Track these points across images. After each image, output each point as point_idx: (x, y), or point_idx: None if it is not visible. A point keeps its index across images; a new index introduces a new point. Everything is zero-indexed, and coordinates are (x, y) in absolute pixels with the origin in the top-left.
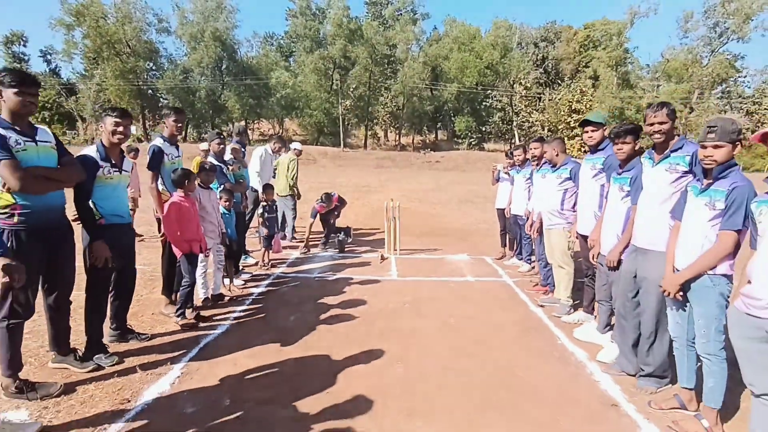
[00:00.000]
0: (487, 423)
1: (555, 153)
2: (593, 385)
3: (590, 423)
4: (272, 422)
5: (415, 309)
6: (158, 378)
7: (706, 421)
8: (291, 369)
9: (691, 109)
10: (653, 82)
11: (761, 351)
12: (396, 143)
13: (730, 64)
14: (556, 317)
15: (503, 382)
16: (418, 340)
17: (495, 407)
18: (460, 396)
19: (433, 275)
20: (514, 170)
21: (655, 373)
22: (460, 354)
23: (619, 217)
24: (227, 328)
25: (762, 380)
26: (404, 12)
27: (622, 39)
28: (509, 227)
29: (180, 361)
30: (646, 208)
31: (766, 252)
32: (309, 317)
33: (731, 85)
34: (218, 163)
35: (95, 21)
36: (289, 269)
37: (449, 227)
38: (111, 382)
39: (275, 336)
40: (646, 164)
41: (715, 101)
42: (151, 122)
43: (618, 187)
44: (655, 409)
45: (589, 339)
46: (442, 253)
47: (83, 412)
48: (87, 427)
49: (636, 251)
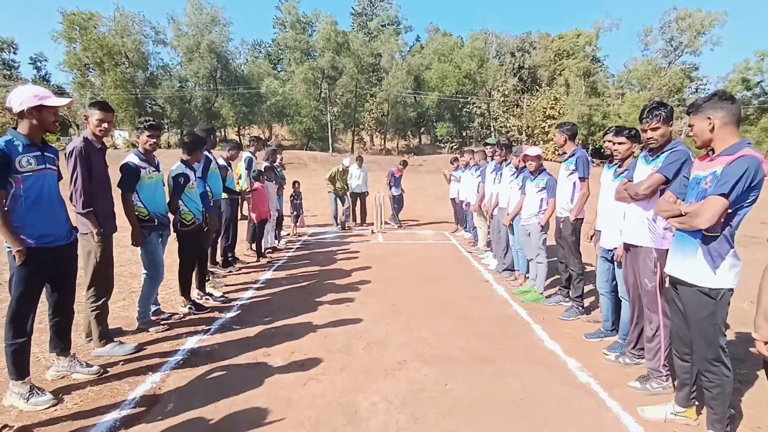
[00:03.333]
0: (425, 287)
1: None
2: (476, 272)
3: (473, 290)
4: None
5: (394, 254)
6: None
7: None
8: (322, 277)
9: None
10: (619, 90)
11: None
12: (381, 147)
13: (684, 74)
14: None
15: (438, 277)
16: (395, 266)
17: (432, 281)
18: (420, 283)
19: (405, 240)
20: (460, 171)
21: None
22: (419, 270)
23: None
24: (285, 261)
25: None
26: (388, 25)
27: (588, 51)
28: (458, 210)
29: (258, 282)
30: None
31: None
32: (331, 258)
33: (687, 94)
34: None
35: (95, 34)
36: (311, 237)
37: (423, 215)
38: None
39: (315, 265)
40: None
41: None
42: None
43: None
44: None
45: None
46: (414, 230)
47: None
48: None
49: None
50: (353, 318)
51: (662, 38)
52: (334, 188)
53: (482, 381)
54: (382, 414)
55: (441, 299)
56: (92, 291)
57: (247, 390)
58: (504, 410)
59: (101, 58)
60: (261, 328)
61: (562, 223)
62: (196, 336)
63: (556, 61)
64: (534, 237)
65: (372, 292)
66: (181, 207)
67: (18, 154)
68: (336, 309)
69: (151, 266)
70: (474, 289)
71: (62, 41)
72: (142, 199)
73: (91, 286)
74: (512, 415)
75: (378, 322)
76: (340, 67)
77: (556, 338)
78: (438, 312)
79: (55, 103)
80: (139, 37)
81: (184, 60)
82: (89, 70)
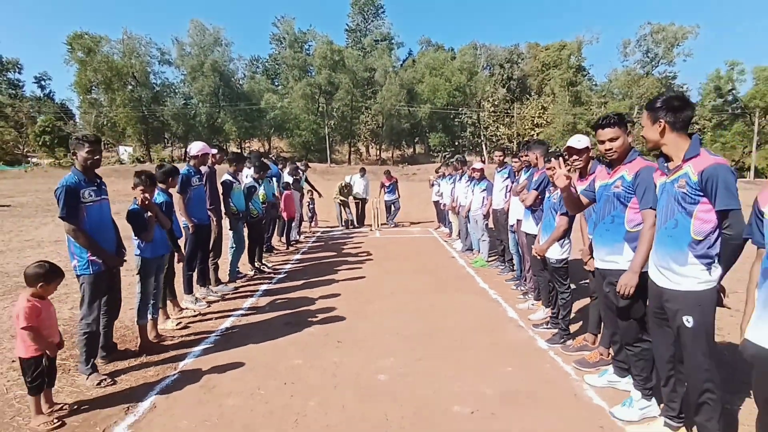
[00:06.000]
0: (409, 262)
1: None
2: (447, 253)
3: (443, 263)
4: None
5: (388, 244)
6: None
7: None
8: (336, 257)
9: (633, 122)
10: (601, 99)
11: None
12: (377, 158)
13: (661, 83)
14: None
15: (418, 256)
16: (389, 251)
17: (415, 258)
18: (407, 260)
19: (397, 235)
20: (441, 179)
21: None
22: (406, 252)
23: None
24: (306, 249)
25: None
26: (381, 41)
27: (572, 62)
28: (439, 211)
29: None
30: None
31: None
32: (340, 247)
33: None
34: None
35: (104, 56)
36: (323, 234)
37: (414, 217)
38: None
39: (329, 251)
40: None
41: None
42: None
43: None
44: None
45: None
46: (405, 228)
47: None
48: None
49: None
50: (361, 277)
51: (639, 50)
52: (340, 198)
53: (438, 300)
54: (383, 311)
55: (420, 268)
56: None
57: (285, 325)
58: (444, 312)
59: (110, 79)
60: (302, 282)
61: (498, 213)
62: (263, 285)
63: (543, 71)
64: (479, 223)
65: (372, 264)
66: (250, 206)
67: (82, 188)
68: (349, 274)
69: (238, 242)
70: (443, 262)
71: (74, 63)
72: (234, 203)
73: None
74: (447, 312)
75: (378, 279)
76: (336, 82)
77: (487, 283)
78: (418, 274)
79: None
80: (146, 58)
81: (189, 78)
82: (98, 89)
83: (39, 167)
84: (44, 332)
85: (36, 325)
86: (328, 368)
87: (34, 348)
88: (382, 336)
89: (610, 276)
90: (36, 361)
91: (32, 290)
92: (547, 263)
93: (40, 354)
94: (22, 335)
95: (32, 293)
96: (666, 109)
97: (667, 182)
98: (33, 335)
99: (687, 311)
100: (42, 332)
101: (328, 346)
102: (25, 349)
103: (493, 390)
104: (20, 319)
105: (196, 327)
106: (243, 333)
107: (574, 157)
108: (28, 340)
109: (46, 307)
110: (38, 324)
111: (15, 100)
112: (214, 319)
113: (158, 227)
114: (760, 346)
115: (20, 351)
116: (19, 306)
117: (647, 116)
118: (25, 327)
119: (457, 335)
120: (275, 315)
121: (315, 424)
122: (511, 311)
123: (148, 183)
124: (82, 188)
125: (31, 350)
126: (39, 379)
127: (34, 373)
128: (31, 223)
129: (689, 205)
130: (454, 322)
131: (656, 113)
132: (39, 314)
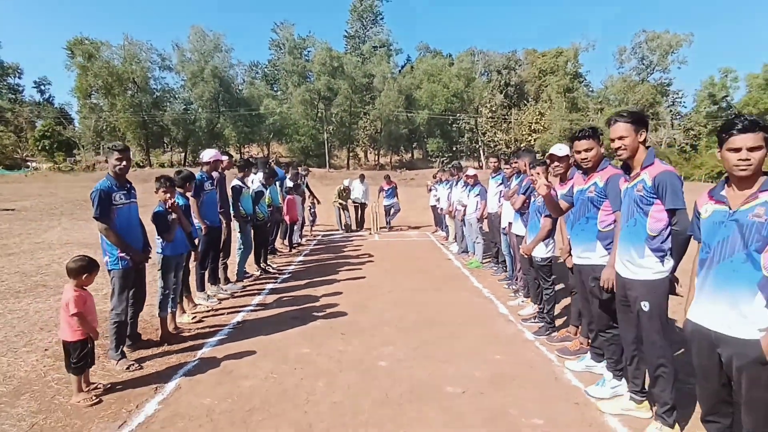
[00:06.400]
0: (408, 262)
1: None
2: (443, 254)
3: (439, 264)
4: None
5: (387, 246)
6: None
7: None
8: (338, 258)
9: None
10: (598, 106)
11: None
12: (375, 163)
13: (656, 90)
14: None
15: (416, 258)
16: (388, 252)
17: (413, 260)
18: (405, 261)
19: (396, 238)
20: (438, 184)
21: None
22: (404, 254)
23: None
24: (308, 252)
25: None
26: (380, 48)
27: (568, 68)
28: (436, 215)
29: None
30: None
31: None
32: (341, 248)
33: (661, 109)
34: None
35: (104, 61)
36: (323, 237)
37: (412, 221)
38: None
39: (331, 252)
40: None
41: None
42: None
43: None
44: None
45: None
46: (403, 232)
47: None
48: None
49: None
50: (362, 277)
51: (635, 57)
52: (339, 201)
53: (434, 297)
54: (382, 306)
55: (417, 269)
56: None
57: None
58: (439, 307)
59: (111, 84)
60: (306, 281)
61: (492, 217)
62: (269, 284)
63: (540, 77)
64: (474, 226)
65: (372, 265)
66: (257, 210)
67: (113, 192)
68: (350, 274)
69: (245, 244)
70: (439, 263)
71: (75, 69)
72: (243, 206)
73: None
74: (442, 307)
75: (377, 278)
76: (335, 88)
77: (480, 282)
78: (415, 274)
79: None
80: (147, 63)
81: (189, 84)
82: (97, 94)
83: (38, 172)
84: (88, 318)
85: (83, 311)
86: (334, 355)
87: (80, 332)
88: (382, 328)
89: (585, 271)
90: (81, 343)
91: (76, 281)
92: (533, 261)
93: (85, 337)
94: (70, 321)
95: (76, 284)
96: (645, 123)
97: (628, 187)
98: (80, 321)
99: (644, 297)
100: (87, 318)
101: (333, 337)
102: (71, 334)
103: (482, 373)
104: (70, 306)
105: (209, 321)
106: (254, 326)
107: (555, 164)
108: (76, 326)
109: (88, 296)
110: (84, 311)
111: (15, 104)
112: (226, 314)
113: (179, 228)
114: (695, 323)
115: (66, 335)
116: (68, 296)
117: (632, 128)
118: (74, 314)
119: (451, 327)
120: (282, 310)
121: (324, 400)
122: (502, 307)
123: (170, 186)
124: (113, 192)
125: (77, 334)
126: (83, 360)
127: (79, 354)
128: (39, 227)
129: (645, 206)
130: (448, 316)
131: (639, 126)
132: (85, 302)
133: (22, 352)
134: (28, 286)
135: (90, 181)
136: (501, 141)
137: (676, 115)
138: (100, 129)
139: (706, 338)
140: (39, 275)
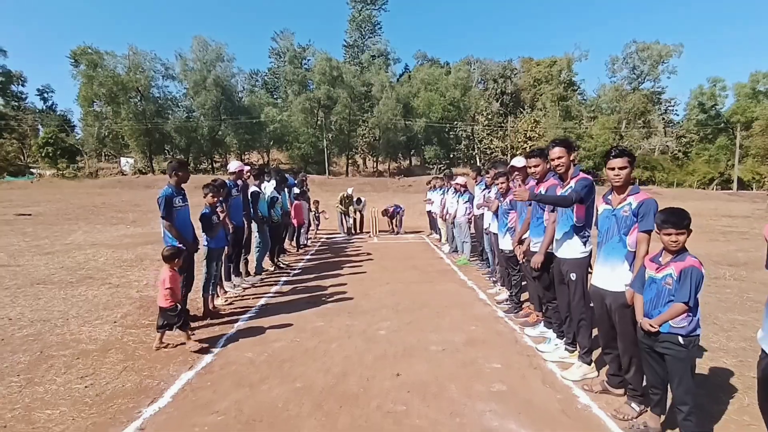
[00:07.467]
0: (404, 261)
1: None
2: (436, 254)
3: (431, 262)
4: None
5: (385, 247)
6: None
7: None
8: (341, 258)
9: (621, 136)
10: (591, 114)
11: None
12: (374, 170)
13: (647, 99)
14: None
15: (411, 257)
16: (386, 253)
17: (408, 258)
18: (401, 260)
19: (393, 240)
20: (432, 191)
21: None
22: (401, 254)
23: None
24: (314, 252)
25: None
26: (378, 57)
27: (562, 77)
28: (431, 220)
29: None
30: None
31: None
32: (344, 249)
33: (653, 117)
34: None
35: (109, 71)
36: (328, 239)
37: (409, 226)
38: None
39: (334, 252)
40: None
41: (638, 129)
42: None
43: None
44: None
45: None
46: (400, 235)
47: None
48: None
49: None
50: (363, 272)
51: (626, 67)
52: (341, 207)
53: (425, 288)
54: (381, 294)
55: (411, 266)
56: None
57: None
58: (428, 295)
59: (116, 93)
60: (315, 275)
61: (476, 218)
62: (283, 277)
63: (535, 86)
64: (463, 228)
65: (372, 263)
66: (271, 213)
67: (174, 197)
68: (353, 269)
69: (263, 242)
70: (431, 261)
71: (80, 78)
72: (261, 210)
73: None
74: (431, 295)
75: (377, 273)
76: (334, 96)
77: (466, 275)
78: (409, 270)
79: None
80: (150, 73)
81: (191, 93)
82: (100, 102)
83: (43, 178)
84: (176, 290)
85: (174, 287)
86: (343, 327)
87: (171, 300)
88: (381, 309)
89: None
90: (173, 308)
91: (170, 264)
92: (502, 252)
93: (173, 304)
94: (165, 293)
95: (170, 267)
96: (573, 147)
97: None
98: (172, 292)
99: (572, 270)
100: (176, 291)
101: (342, 315)
102: (165, 301)
103: (459, 338)
104: (165, 282)
105: (238, 304)
106: (275, 308)
107: (515, 174)
108: (170, 296)
109: (177, 276)
110: (174, 286)
111: (18, 111)
112: (251, 299)
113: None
114: (594, 285)
115: (162, 303)
116: (165, 275)
117: (566, 150)
118: (168, 287)
119: (438, 309)
120: (297, 297)
121: (337, 354)
122: (482, 294)
123: (216, 191)
124: (174, 197)
125: (169, 302)
126: (174, 320)
127: (170, 314)
128: (60, 230)
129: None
130: (436, 301)
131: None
132: (177, 279)
133: (96, 324)
134: (77, 278)
135: (94, 188)
136: (497, 148)
137: (669, 123)
138: (102, 136)
139: (599, 294)
140: (83, 270)
